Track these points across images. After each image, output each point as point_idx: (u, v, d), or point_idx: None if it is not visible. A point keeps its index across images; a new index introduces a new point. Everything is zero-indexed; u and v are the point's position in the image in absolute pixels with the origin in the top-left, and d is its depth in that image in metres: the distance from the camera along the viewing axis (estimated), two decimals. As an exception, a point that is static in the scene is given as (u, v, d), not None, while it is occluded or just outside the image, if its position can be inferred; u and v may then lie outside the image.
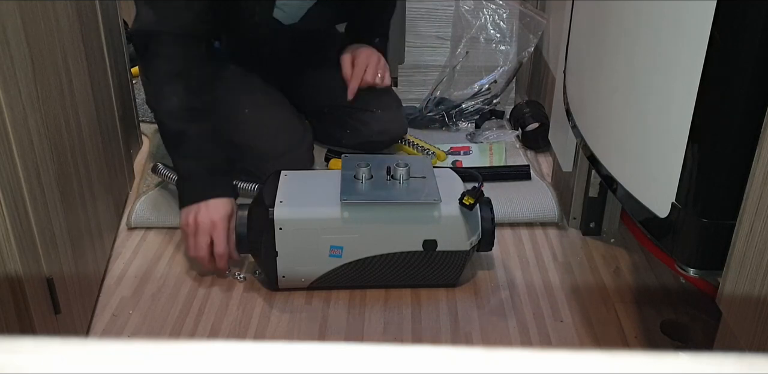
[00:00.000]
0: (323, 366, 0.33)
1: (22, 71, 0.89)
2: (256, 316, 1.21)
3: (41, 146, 0.94)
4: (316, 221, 1.18)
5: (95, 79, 1.27)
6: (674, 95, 0.85)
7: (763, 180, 0.74)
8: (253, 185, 1.43)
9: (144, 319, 1.20)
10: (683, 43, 0.82)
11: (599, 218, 1.42)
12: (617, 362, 0.34)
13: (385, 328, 1.19)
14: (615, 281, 1.30)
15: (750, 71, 0.77)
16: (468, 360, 0.34)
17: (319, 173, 1.29)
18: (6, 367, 0.33)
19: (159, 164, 1.48)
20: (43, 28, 0.99)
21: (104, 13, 1.36)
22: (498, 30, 1.82)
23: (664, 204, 0.88)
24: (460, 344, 1.16)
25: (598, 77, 1.10)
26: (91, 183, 1.20)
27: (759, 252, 0.76)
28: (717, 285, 0.87)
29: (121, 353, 0.34)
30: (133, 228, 1.43)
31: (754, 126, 0.75)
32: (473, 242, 1.22)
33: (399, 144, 1.66)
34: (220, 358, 0.34)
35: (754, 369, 0.33)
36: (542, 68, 1.76)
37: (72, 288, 1.06)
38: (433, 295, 1.26)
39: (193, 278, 1.30)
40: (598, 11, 1.10)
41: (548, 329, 1.19)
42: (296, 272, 1.22)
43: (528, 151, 1.71)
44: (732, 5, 0.75)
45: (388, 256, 1.21)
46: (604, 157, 1.05)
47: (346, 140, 1.62)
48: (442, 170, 1.29)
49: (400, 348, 0.34)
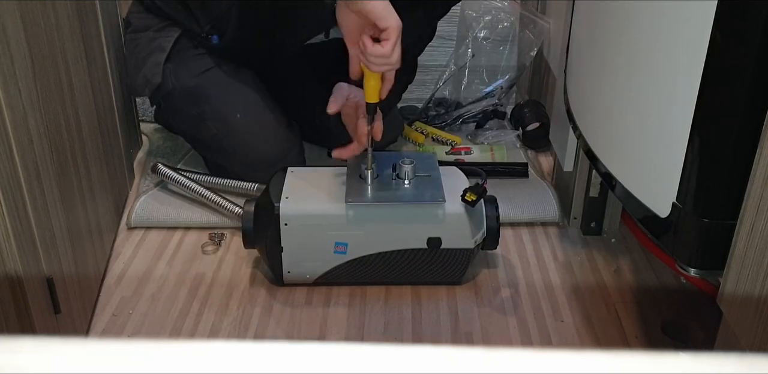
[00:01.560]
0: (323, 366, 0.33)
1: (22, 71, 0.89)
2: (256, 316, 1.21)
3: (41, 146, 0.94)
4: (321, 218, 1.19)
5: (95, 79, 1.27)
6: (675, 94, 0.85)
7: (763, 180, 0.74)
8: (253, 184, 1.43)
9: (144, 319, 1.20)
10: (684, 42, 0.82)
11: (600, 217, 1.41)
12: (618, 362, 0.34)
13: (386, 328, 1.19)
14: (616, 281, 1.30)
15: (751, 71, 0.77)
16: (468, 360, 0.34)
17: (326, 170, 1.29)
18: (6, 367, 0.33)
19: (159, 164, 1.48)
20: (43, 28, 0.98)
21: (104, 13, 1.36)
22: (501, 32, 1.82)
23: (665, 204, 0.88)
24: (460, 344, 1.16)
25: (599, 77, 1.09)
26: (91, 183, 1.20)
27: (760, 252, 0.76)
28: (718, 284, 0.87)
29: (121, 353, 0.34)
30: (133, 228, 1.43)
31: (755, 126, 0.75)
32: (478, 241, 1.22)
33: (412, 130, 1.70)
34: (220, 358, 0.34)
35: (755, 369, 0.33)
36: (543, 68, 1.76)
37: (72, 287, 1.06)
38: (434, 294, 1.26)
39: (193, 278, 1.30)
40: (599, 11, 1.10)
41: (549, 329, 1.19)
42: (301, 268, 1.23)
43: (529, 150, 1.71)
44: (732, 5, 0.75)
45: (393, 253, 1.21)
46: (604, 156, 1.05)
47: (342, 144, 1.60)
48: (448, 168, 1.29)
49: (400, 348, 0.34)
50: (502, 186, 1.51)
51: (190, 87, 1.46)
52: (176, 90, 1.47)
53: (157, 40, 1.47)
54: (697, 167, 0.83)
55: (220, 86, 1.47)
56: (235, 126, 1.45)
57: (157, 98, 1.51)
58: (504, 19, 1.82)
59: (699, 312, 1.21)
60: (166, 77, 1.46)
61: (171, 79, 1.47)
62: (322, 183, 1.24)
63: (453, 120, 1.81)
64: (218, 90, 1.46)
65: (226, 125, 1.45)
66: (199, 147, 1.57)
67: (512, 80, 1.85)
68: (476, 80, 1.84)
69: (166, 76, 1.46)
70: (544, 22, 1.75)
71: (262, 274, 1.30)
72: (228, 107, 1.46)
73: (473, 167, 1.36)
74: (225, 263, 1.34)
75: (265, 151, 1.45)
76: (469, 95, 1.85)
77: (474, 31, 1.83)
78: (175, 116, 1.56)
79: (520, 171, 1.58)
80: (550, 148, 1.65)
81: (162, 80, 1.46)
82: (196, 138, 1.55)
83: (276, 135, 1.47)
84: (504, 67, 1.85)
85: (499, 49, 1.84)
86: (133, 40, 1.50)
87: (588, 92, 1.16)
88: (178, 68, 1.46)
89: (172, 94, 1.48)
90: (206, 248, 1.37)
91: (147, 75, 1.46)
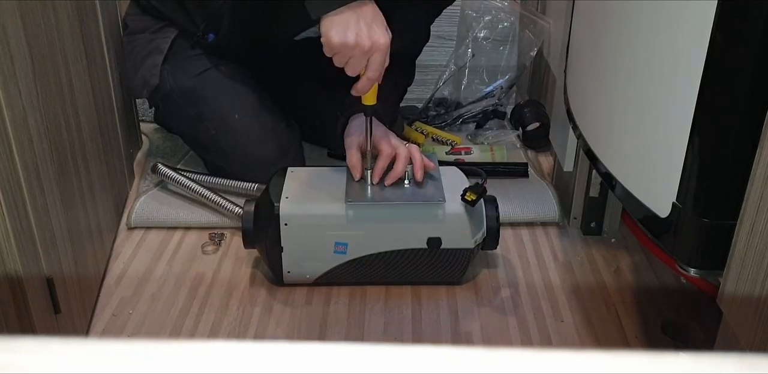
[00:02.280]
0: (323, 366, 0.33)
1: (22, 71, 0.89)
2: (256, 316, 1.21)
3: (41, 146, 0.94)
4: (321, 218, 1.19)
5: (95, 79, 1.27)
6: (675, 94, 0.85)
7: (763, 180, 0.74)
8: (253, 184, 1.43)
9: (144, 319, 1.20)
10: (684, 42, 0.82)
11: (600, 217, 1.41)
12: (618, 362, 0.34)
13: (386, 328, 1.19)
14: (616, 281, 1.30)
15: (751, 71, 0.77)
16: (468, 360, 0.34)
17: (326, 170, 1.29)
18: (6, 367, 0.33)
19: (159, 164, 1.48)
20: (43, 28, 0.98)
21: (104, 13, 1.36)
22: (501, 32, 1.82)
23: (665, 204, 0.88)
24: (460, 344, 1.16)
25: (599, 77, 1.09)
26: (91, 183, 1.20)
27: (760, 252, 0.76)
28: (718, 284, 0.87)
29: (121, 353, 0.34)
30: (133, 228, 1.43)
31: (755, 125, 0.75)
32: (478, 241, 1.22)
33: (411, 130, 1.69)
34: (220, 358, 0.34)
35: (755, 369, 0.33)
36: (543, 68, 1.76)
37: (72, 287, 1.06)
38: (434, 294, 1.26)
39: (193, 278, 1.30)
40: (599, 11, 1.10)
41: (549, 329, 1.19)
42: (301, 267, 1.23)
43: (529, 150, 1.71)
44: (733, 5, 0.75)
45: (393, 253, 1.21)
46: (604, 156, 1.05)
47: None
48: (448, 168, 1.29)
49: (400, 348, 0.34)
50: (502, 186, 1.51)
51: (187, 88, 1.46)
52: (174, 91, 1.46)
53: (154, 42, 1.47)
54: (697, 167, 0.83)
55: (217, 87, 1.46)
56: (233, 127, 1.45)
57: (155, 100, 1.51)
58: (504, 19, 1.82)
59: (699, 312, 1.21)
60: (163, 78, 1.46)
61: (168, 81, 1.46)
62: (322, 183, 1.25)
63: (453, 120, 1.81)
64: (216, 91, 1.46)
65: (225, 126, 1.45)
66: (198, 148, 1.57)
67: (512, 80, 1.86)
68: (476, 80, 1.84)
69: (164, 77, 1.46)
70: (544, 22, 1.75)
71: (262, 274, 1.30)
72: (226, 107, 1.45)
73: (473, 167, 1.36)
74: (225, 263, 1.34)
75: (263, 151, 1.45)
76: (469, 95, 1.85)
77: (474, 31, 1.83)
78: (173, 117, 1.56)
79: (520, 171, 1.58)
80: (550, 148, 1.65)
81: (159, 82, 1.45)
82: (194, 139, 1.55)
83: (275, 135, 1.47)
84: (504, 67, 1.85)
85: (499, 49, 1.84)
86: (130, 42, 1.50)
87: (588, 92, 1.16)
88: (176, 69, 1.46)
89: (169, 95, 1.47)
90: (206, 248, 1.37)
91: (145, 76, 1.46)
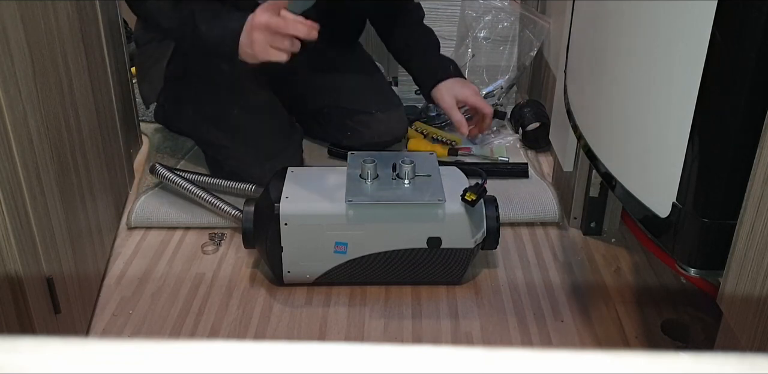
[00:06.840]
0: (323, 366, 0.33)
1: (22, 71, 0.89)
2: (256, 316, 1.21)
3: (41, 146, 0.94)
4: (321, 218, 1.19)
5: (95, 79, 1.27)
6: (675, 94, 0.85)
7: (764, 180, 0.74)
8: (250, 185, 1.43)
9: (144, 319, 1.20)
10: (684, 42, 0.82)
11: (600, 217, 1.41)
12: (618, 362, 0.34)
13: (386, 328, 1.19)
14: (616, 281, 1.30)
15: (751, 71, 0.76)
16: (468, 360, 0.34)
17: (326, 170, 1.30)
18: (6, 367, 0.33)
19: (157, 165, 1.48)
20: (43, 28, 0.98)
21: (104, 13, 1.36)
22: (501, 32, 1.82)
23: (665, 204, 0.88)
24: (460, 344, 1.16)
25: (599, 77, 1.09)
26: (91, 183, 1.20)
27: (760, 252, 0.76)
28: (718, 284, 0.87)
29: (121, 353, 0.34)
30: (133, 228, 1.43)
31: (755, 125, 0.75)
32: (478, 240, 1.22)
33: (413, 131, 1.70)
34: (220, 358, 0.34)
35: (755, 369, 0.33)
36: (543, 68, 1.76)
37: (72, 287, 1.06)
38: (434, 294, 1.26)
39: (193, 278, 1.30)
40: (599, 11, 1.10)
41: (549, 329, 1.19)
42: (301, 267, 1.23)
43: (528, 150, 1.71)
44: (733, 5, 0.75)
45: (393, 253, 1.21)
46: (604, 156, 1.05)
47: (347, 142, 1.61)
48: (448, 168, 1.29)
49: (400, 348, 0.34)
50: (502, 186, 1.51)
51: (190, 85, 1.49)
52: (177, 90, 1.51)
53: (159, 49, 1.52)
54: (697, 167, 0.83)
55: (217, 82, 1.48)
56: (234, 123, 1.47)
57: (160, 98, 1.57)
58: (504, 19, 1.82)
59: (699, 312, 1.21)
60: (167, 79, 1.51)
61: (172, 80, 1.51)
62: (322, 183, 1.25)
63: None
64: (215, 86, 1.47)
65: (227, 123, 1.47)
66: (200, 143, 1.60)
67: (512, 80, 1.85)
68: (476, 80, 1.84)
69: (168, 77, 1.51)
70: (544, 22, 1.75)
71: (262, 274, 1.30)
72: (228, 105, 1.47)
73: (473, 167, 1.36)
74: (225, 263, 1.34)
75: (261, 148, 1.47)
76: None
77: (474, 31, 1.83)
78: (176, 114, 1.59)
79: (520, 171, 1.58)
80: (550, 148, 1.65)
81: (164, 82, 1.51)
82: (196, 136, 1.58)
83: (273, 132, 1.49)
84: (504, 67, 1.85)
85: (499, 49, 1.84)
86: (140, 55, 1.57)
87: (588, 92, 1.16)
88: (179, 69, 1.50)
89: (172, 93, 1.52)
90: (206, 248, 1.37)
91: (153, 81, 1.52)
